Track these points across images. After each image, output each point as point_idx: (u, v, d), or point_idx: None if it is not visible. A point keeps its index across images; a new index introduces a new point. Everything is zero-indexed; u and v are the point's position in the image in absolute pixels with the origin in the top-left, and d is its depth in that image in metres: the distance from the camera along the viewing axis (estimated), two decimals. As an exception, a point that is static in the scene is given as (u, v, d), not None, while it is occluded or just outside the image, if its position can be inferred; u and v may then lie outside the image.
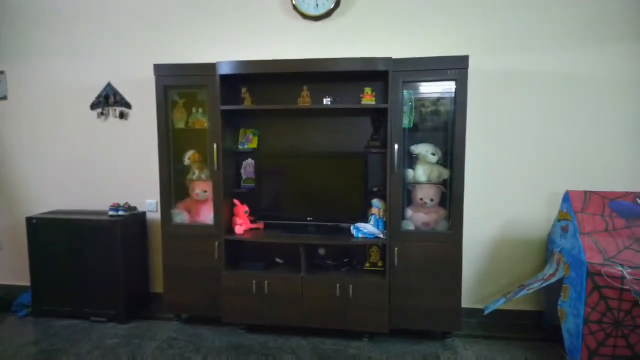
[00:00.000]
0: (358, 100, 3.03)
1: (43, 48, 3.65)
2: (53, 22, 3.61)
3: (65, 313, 3.41)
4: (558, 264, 2.81)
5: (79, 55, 3.61)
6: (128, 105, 3.59)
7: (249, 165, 3.41)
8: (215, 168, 3.10)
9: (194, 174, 3.33)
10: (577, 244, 2.62)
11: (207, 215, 3.27)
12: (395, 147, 2.91)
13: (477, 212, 3.23)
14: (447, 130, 3.06)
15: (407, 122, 3.03)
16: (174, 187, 3.29)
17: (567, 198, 2.83)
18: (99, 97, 3.61)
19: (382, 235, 3.03)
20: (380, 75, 2.95)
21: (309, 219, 3.21)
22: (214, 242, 3.13)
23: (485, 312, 3.04)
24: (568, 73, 3.13)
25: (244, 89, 3.19)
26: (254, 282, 3.06)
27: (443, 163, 3.07)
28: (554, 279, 2.76)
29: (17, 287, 3.76)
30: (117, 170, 3.66)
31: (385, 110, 2.92)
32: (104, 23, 3.55)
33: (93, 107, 3.63)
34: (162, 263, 3.26)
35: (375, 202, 3.14)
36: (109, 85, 3.59)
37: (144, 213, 3.61)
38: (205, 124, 3.23)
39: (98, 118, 3.63)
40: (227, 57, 3.18)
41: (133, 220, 3.49)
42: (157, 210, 3.51)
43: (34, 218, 3.42)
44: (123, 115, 3.60)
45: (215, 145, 3.08)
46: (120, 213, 3.40)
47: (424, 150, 3.04)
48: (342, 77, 3.12)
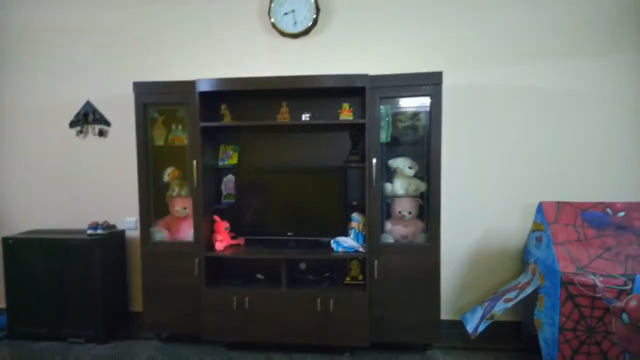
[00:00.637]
0: (336, 116, 3.08)
1: (21, 65, 3.64)
2: (31, 39, 3.61)
3: (43, 335, 3.33)
4: (533, 274, 2.87)
5: (58, 73, 3.60)
6: (107, 123, 3.59)
7: (230, 181, 3.42)
8: (195, 185, 3.11)
9: (174, 191, 3.32)
10: (551, 254, 2.68)
11: (187, 232, 3.25)
12: (374, 161, 2.96)
13: (455, 224, 3.30)
14: (423, 144, 3.12)
15: (384, 136, 3.09)
16: (154, 204, 3.27)
17: (540, 209, 2.90)
18: (78, 115, 3.60)
19: (362, 249, 3.06)
20: (358, 91, 3.00)
21: (290, 234, 3.22)
22: (194, 259, 3.12)
23: (470, 330, 2.92)
24: (542, 88, 3.24)
25: (224, 106, 3.22)
26: (235, 298, 3.04)
27: (420, 176, 3.12)
28: (530, 289, 2.81)
29: (-8, 309, 3.68)
30: (96, 188, 3.63)
31: (364, 126, 2.97)
32: (83, 41, 3.56)
33: (72, 125, 3.62)
34: (141, 281, 3.23)
35: (355, 216, 3.17)
36: (88, 103, 3.58)
37: (123, 231, 3.58)
38: (185, 141, 3.22)
39: (77, 136, 3.62)
40: (207, 74, 3.22)
41: (112, 239, 3.46)
42: (136, 228, 3.47)
43: (11, 238, 3.36)
44: (102, 133, 3.59)
45: (195, 162, 3.09)
46: (99, 232, 3.36)
47: (402, 164, 3.09)
48: (320, 93, 3.16)
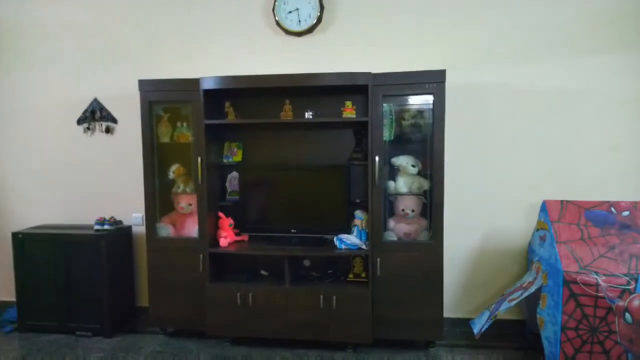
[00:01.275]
0: (339, 114, 3.09)
1: (31, 64, 3.69)
2: (40, 38, 3.66)
3: (51, 328, 3.41)
4: (537, 273, 2.86)
5: (66, 72, 3.65)
6: (114, 120, 3.64)
7: (234, 178, 3.45)
8: (200, 181, 3.14)
9: (179, 188, 3.36)
10: (554, 253, 2.67)
11: (192, 229, 3.29)
12: (377, 159, 2.96)
13: (458, 222, 3.29)
14: (427, 143, 3.11)
15: (387, 134, 3.09)
16: (159, 200, 3.32)
17: (544, 208, 2.88)
18: (86, 112, 3.65)
19: (364, 246, 3.07)
20: (361, 89, 3.00)
21: (293, 231, 3.25)
22: (199, 255, 3.16)
23: (475, 331, 2.91)
24: (547, 86, 3.21)
25: (228, 104, 3.24)
26: (239, 294, 3.08)
27: (424, 174, 3.12)
28: (533, 288, 2.80)
29: (2, 302, 3.76)
30: (103, 185, 3.69)
31: (367, 123, 2.98)
32: (90, 40, 3.60)
33: (80, 122, 3.67)
34: (147, 277, 3.28)
35: (358, 213, 3.19)
36: (96, 101, 3.63)
37: (130, 227, 3.63)
38: (190, 138, 3.26)
39: (84, 133, 3.67)
40: (211, 72, 3.24)
41: (119, 235, 3.51)
42: (142, 224, 3.52)
43: (20, 233, 3.43)
44: (109, 130, 3.64)
45: (199, 159, 3.12)
46: (106, 227, 3.41)
47: (405, 162, 3.09)
48: (323, 91, 3.17)
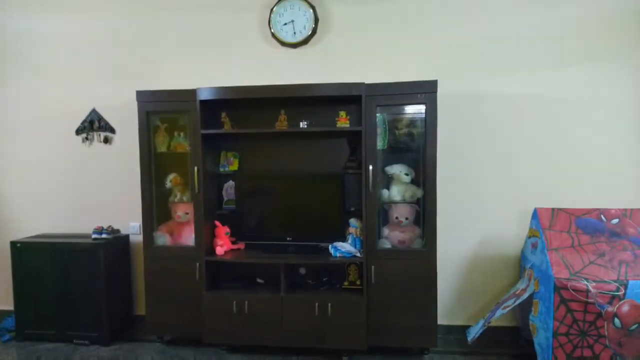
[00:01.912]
0: (334, 123, 3.14)
1: (30, 74, 3.74)
2: (40, 48, 3.71)
3: (49, 336, 3.43)
4: (529, 280, 2.90)
5: (65, 82, 3.70)
6: (112, 130, 3.69)
7: (230, 187, 3.49)
8: (196, 190, 3.18)
9: (176, 197, 3.40)
10: (545, 260, 2.71)
11: (188, 237, 3.32)
12: (370, 168, 3.01)
13: (452, 229, 3.34)
14: (419, 151, 3.16)
15: (381, 143, 3.14)
16: (157, 209, 3.36)
17: (535, 215, 2.92)
18: (84, 122, 3.70)
19: (359, 254, 3.10)
20: (355, 99, 3.05)
21: (289, 239, 3.29)
22: (196, 263, 3.19)
23: (469, 338, 3.01)
24: (537, 95, 3.27)
25: (224, 114, 3.30)
26: (235, 302, 3.11)
27: (417, 183, 3.17)
28: (526, 294, 2.83)
29: (0, 311, 3.78)
30: (101, 194, 3.73)
31: (361, 133, 3.03)
32: (89, 51, 3.66)
33: (78, 132, 3.72)
34: (144, 285, 3.30)
35: (353, 221, 3.22)
36: (94, 111, 3.68)
37: (127, 236, 3.66)
38: (187, 148, 3.30)
39: (83, 143, 3.72)
40: (208, 83, 3.30)
41: (116, 243, 3.54)
42: (140, 233, 3.54)
43: (19, 242, 3.46)
44: (107, 140, 3.69)
45: (196, 169, 3.16)
46: (104, 236, 3.45)
47: (398, 171, 3.14)
48: (318, 101, 3.23)
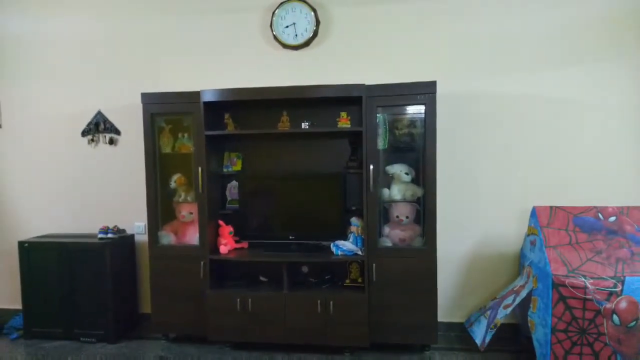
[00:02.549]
0: (335, 124, 3.20)
1: (37, 76, 3.81)
2: (46, 50, 3.78)
3: (56, 334, 3.49)
4: (528, 277, 2.94)
5: (71, 84, 3.77)
6: (117, 132, 3.75)
7: (234, 187, 3.55)
8: (200, 190, 3.24)
9: (180, 197, 3.46)
10: (543, 257, 2.75)
11: (193, 237, 3.38)
12: (371, 167, 3.06)
13: (452, 228, 3.38)
14: (419, 151, 3.21)
15: (382, 143, 3.19)
16: (161, 209, 3.42)
17: (534, 213, 2.96)
18: (90, 124, 3.76)
19: (360, 252, 3.16)
20: (356, 100, 3.11)
21: (291, 238, 3.34)
22: (200, 262, 3.25)
23: (478, 343, 2.98)
24: (535, 95, 3.31)
25: (227, 115, 3.35)
26: (238, 300, 3.16)
27: (417, 182, 3.21)
28: (525, 291, 2.88)
29: (9, 310, 3.86)
30: (106, 194, 3.79)
31: (362, 133, 3.08)
32: (95, 53, 3.73)
33: (84, 134, 3.78)
34: (149, 284, 3.36)
35: (354, 220, 3.27)
36: (100, 113, 3.75)
37: (133, 235, 3.72)
38: (191, 149, 3.36)
39: (89, 144, 3.78)
40: (211, 85, 3.35)
41: (122, 243, 3.60)
42: (145, 233, 3.60)
43: (26, 242, 3.52)
44: (113, 142, 3.75)
45: (200, 169, 3.22)
46: (110, 236, 3.51)
47: (399, 170, 3.19)
48: (319, 102, 3.28)
